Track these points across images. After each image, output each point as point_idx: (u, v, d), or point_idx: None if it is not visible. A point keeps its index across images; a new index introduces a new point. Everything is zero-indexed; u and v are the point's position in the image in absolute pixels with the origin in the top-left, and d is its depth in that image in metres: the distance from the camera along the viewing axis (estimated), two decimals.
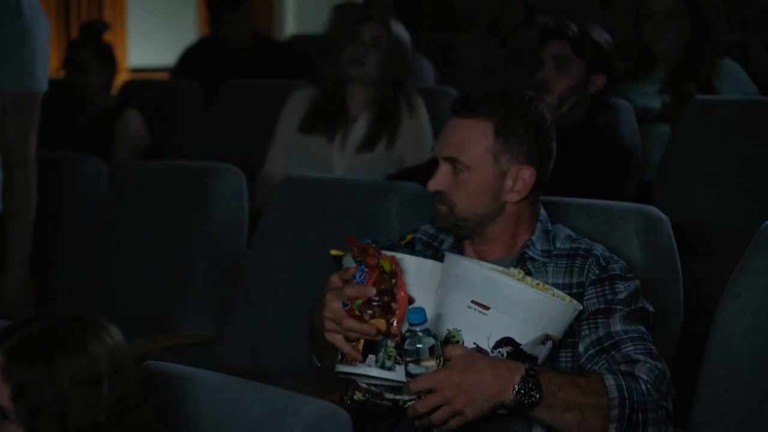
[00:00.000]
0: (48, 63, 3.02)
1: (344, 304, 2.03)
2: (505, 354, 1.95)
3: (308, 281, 2.80)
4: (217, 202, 3.23)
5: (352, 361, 2.04)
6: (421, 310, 1.91)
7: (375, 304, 1.99)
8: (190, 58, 5.37)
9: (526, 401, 1.91)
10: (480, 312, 1.94)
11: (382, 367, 2.02)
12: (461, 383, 1.90)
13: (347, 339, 2.04)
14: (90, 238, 3.47)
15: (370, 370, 2.02)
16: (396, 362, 2.01)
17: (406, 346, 1.91)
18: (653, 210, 2.38)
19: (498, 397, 1.91)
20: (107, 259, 3.38)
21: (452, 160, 2.16)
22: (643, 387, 1.98)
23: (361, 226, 2.79)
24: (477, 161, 2.14)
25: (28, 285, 3.10)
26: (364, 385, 2.02)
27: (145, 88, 4.84)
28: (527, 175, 2.15)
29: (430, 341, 1.90)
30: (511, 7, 5.40)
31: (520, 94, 2.19)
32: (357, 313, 2.01)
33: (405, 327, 1.99)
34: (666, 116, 3.80)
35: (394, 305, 1.99)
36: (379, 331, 1.99)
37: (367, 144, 3.61)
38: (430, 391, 1.91)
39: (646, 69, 3.95)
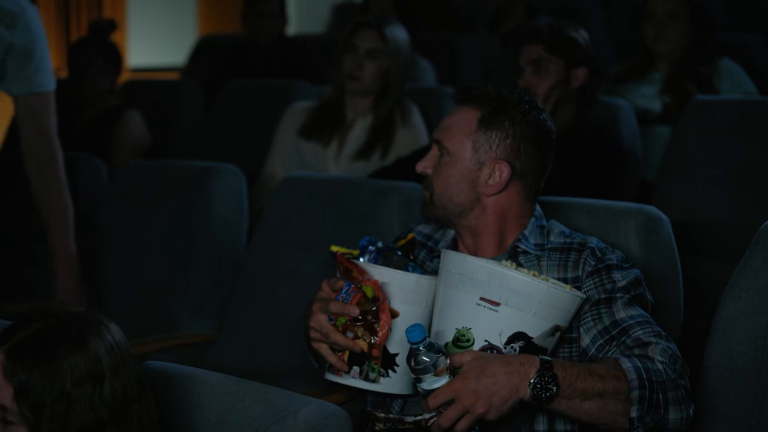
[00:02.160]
0: (50, 57, 3.06)
1: (329, 318, 2.04)
2: (517, 349, 1.94)
3: (308, 281, 2.80)
4: (217, 202, 3.23)
5: (338, 372, 2.05)
6: (419, 326, 1.91)
7: (358, 324, 2.00)
8: (222, 57, 5.36)
9: (543, 395, 1.90)
10: (490, 308, 1.94)
11: (366, 379, 2.04)
12: (477, 389, 1.89)
13: (333, 349, 2.05)
14: (90, 238, 3.46)
15: (354, 381, 2.04)
16: (380, 374, 2.03)
17: (413, 366, 1.91)
18: (653, 210, 2.38)
19: (516, 395, 1.90)
20: (107, 259, 3.38)
21: (439, 144, 2.19)
22: (660, 367, 1.97)
23: (361, 226, 2.79)
24: (457, 147, 2.16)
25: (78, 285, 3.14)
26: (382, 414, 2.02)
27: (145, 88, 4.83)
28: (502, 170, 2.15)
29: (435, 355, 1.90)
30: (511, 7, 5.40)
31: (525, 96, 2.19)
32: (340, 329, 2.02)
33: (395, 348, 2.00)
34: (666, 118, 3.81)
35: (377, 326, 1.99)
36: (362, 351, 2.01)
37: (363, 153, 3.60)
38: (449, 403, 1.90)
39: (646, 70, 3.95)
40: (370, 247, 2.15)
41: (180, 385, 1.86)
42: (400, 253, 2.17)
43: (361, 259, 2.11)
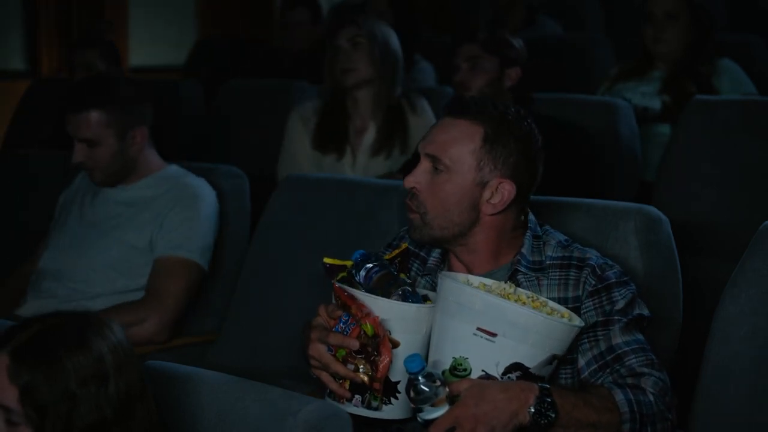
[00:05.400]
0: (209, 242, 3.09)
1: (329, 348, 2.03)
2: (514, 378, 1.94)
3: (308, 281, 2.80)
4: (219, 203, 3.22)
5: (339, 399, 2.04)
6: (417, 356, 1.91)
7: (359, 356, 2.00)
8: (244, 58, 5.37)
9: (542, 421, 1.90)
10: (487, 339, 1.93)
11: (368, 407, 2.03)
12: (477, 414, 1.88)
13: (334, 377, 2.04)
14: None
15: (357, 409, 2.03)
16: (382, 402, 2.02)
17: (412, 396, 1.90)
18: (653, 210, 2.37)
19: (515, 419, 1.90)
20: None
21: (434, 159, 2.09)
22: (651, 398, 1.99)
23: (361, 226, 2.78)
24: (459, 164, 2.07)
25: None
26: None
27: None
28: (507, 189, 2.09)
29: (434, 384, 1.90)
30: (512, 7, 5.41)
31: (519, 109, 2.14)
32: (340, 360, 2.01)
33: (397, 376, 2.00)
34: (666, 117, 3.81)
35: (377, 359, 1.99)
36: (363, 382, 2.01)
37: (380, 151, 3.60)
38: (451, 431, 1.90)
39: (645, 69, 3.96)
40: (368, 265, 2.09)
41: (180, 385, 1.86)
42: (395, 272, 2.13)
43: (356, 277, 2.08)
